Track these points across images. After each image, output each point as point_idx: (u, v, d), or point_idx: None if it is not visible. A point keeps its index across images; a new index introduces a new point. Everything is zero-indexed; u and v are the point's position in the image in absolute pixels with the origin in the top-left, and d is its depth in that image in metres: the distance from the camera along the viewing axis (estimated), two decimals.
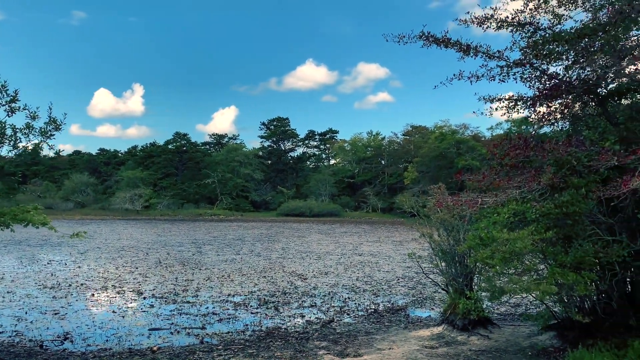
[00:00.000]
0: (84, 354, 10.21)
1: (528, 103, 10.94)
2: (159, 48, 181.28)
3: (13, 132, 8.42)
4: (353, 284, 19.02)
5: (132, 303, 15.34)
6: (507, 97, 11.41)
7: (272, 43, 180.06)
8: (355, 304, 15.40)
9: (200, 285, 18.32)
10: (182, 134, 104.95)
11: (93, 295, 16.40)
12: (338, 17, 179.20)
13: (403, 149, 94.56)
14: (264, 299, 15.90)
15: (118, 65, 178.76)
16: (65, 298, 15.93)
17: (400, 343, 10.75)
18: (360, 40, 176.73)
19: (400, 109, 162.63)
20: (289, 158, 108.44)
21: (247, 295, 16.57)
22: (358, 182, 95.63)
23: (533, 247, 8.15)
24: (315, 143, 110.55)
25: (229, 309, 14.52)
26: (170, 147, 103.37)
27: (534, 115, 10.77)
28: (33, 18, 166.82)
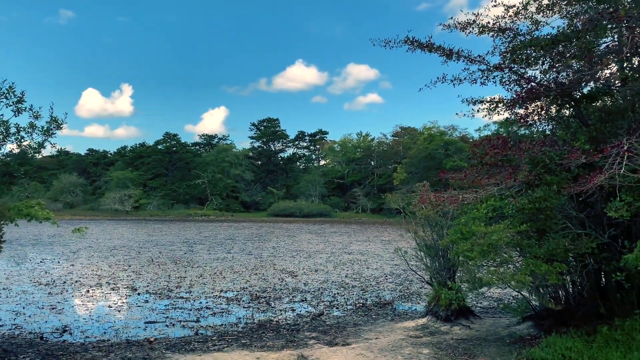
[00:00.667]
0: (84, 345, 10.62)
1: (508, 105, 11.58)
2: (148, 48, 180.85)
3: (17, 130, 8.84)
4: (342, 281, 19.55)
5: (126, 298, 15.73)
6: (488, 99, 12.04)
7: (261, 43, 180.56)
8: (344, 299, 15.93)
9: (193, 282, 18.74)
10: (172, 135, 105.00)
11: (88, 292, 16.75)
12: (328, 17, 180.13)
13: (392, 150, 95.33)
14: (256, 295, 16.37)
15: (106, 65, 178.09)
16: (61, 294, 16.27)
17: (387, 333, 11.30)
18: (350, 41, 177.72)
19: (390, 110, 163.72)
20: (279, 159, 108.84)
21: (239, 291, 17.03)
22: (348, 182, 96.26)
23: (509, 239, 8.73)
24: (305, 144, 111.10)
25: (222, 304, 14.98)
26: (160, 147, 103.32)
27: (513, 117, 11.39)
28: (19, 16, 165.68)
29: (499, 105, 11.71)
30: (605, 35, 9.90)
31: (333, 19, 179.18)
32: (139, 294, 16.37)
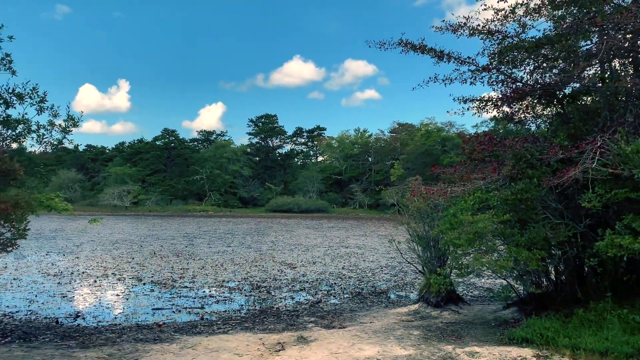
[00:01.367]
0: (97, 328, 11.33)
1: (495, 104, 12.31)
2: (145, 43, 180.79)
3: (37, 128, 9.52)
4: (339, 272, 20.29)
5: (133, 288, 16.44)
6: (478, 98, 12.76)
7: (258, 39, 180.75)
8: (341, 288, 16.68)
9: (196, 273, 19.46)
10: (170, 131, 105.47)
11: (95, 282, 17.45)
12: (325, 13, 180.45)
13: (390, 146, 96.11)
14: (257, 284, 17.11)
15: (103, 61, 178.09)
16: (70, 284, 16.98)
17: (380, 318, 12.05)
18: (348, 37, 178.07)
19: (388, 106, 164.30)
20: (277, 155, 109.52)
21: (240, 281, 17.76)
22: (345, 178, 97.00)
23: (493, 228, 9.47)
24: (303, 140, 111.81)
25: (225, 293, 15.72)
26: (159, 143, 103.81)
27: (501, 115, 12.11)
28: (15, 12, 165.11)
29: (488, 104, 12.44)
30: (587, 39, 10.61)
31: (330, 15, 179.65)
32: (145, 284, 17.07)
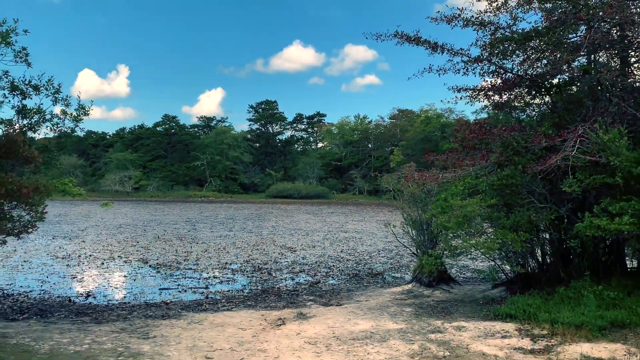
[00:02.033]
0: (108, 306, 12.03)
1: (487, 94, 12.84)
2: (144, 28, 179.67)
3: (51, 117, 10.08)
4: (338, 255, 20.99)
5: (139, 270, 17.14)
6: (471, 87, 13.28)
7: (258, 23, 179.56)
8: (339, 270, 17.37)
9: (199, 256, 20.15)
10: (170, 117, 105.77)
11: (103, 264, 18.14)
12: None
13: (389, 133, 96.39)
14: (258, 266, 17.80)
15: (102, 46, 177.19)
16: (79, 266, 17.67)
17: (376, 297, 12.74)
18: (348, 22, 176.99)
19: (388, 92, 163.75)
20: (277, 141, 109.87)
21: (242, 264, 18.45)
22: (345, 165, 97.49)
23: (481, 212, 10.09)
24: (303, 126, 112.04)
25: (228, 274, 16.41)
26: (159, 129, 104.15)
27: (490, 104, 12.65)
28: None
29: (480, 94, 12.97)
30: (573, 32, 11.11)
31: None
32: (151, 266, 17.77)
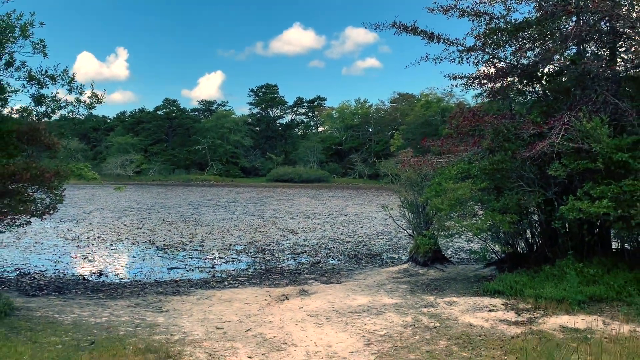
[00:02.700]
0: (120, 284, 12.74)
1: (480, 82, 13.37)
2: (143, 10, 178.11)
3: (66, 104, 10.67)
4: (338, 237, 21.71)
5: (147, 250, 17.85)
6: (466, 75, 13.80)
7: (257, 5, 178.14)
8: (339, 251, 18.09)
9: (204, 238, 20.87)
10: (171, 100, 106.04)
11: (112, 245, 18.86)
12: None
13: (390, 117, 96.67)
14: (261, 248, 18.52)
15: (101, 29, 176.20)
16: (88, 247, 18.38)
17: (373, 275, 13.46)
18: (348, 4, 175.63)
19: (389, 75, 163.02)
20: (278, 125, 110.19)
21: (246, 245, 19.17)
22: (345, 149, 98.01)
23: (472, 194, 10.72)
24: (304, 110, 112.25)
25: (232, 254, 17.13)
26: (160, 113, 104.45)
27: (483, 91, 13.20)
28: None
29: (475, 82, 13.50)
30: (562, 25, 11.61)
31: None
32: (157, 247, 18.49)
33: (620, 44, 11.86)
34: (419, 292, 11.15)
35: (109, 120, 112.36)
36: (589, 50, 12.36)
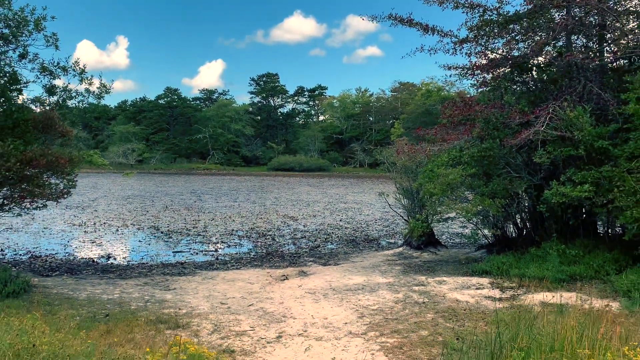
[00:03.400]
0: (129, 266, 13.39)
1: (474, 72, 13.87)
2: None
3: (76, 94, 11.23)
4: (337, 224, 22.34)
5: (152, 236, 18.49)
6: (460, 65, 14.29)
7: None
8: (338, 237, 18.72)
9: (207, 224, 21.51)
10: (172, 89, 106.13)
11: (118, 230, 19.51)
12: None
13: (390, 106, 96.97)
14: (263, 233, 19.16)
15: (101, 17, 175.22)
16: (95, 232, 19.03)
17: (370, 258, 14.09)
18: None
19: (390, 63, 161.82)
20: (279, 114, 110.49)
21: (248, 231, 19.81)
22: (346, 138, 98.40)
23: (462, 180, 11.29)
24: (305, 99, 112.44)
25: (235, 239, 17.77)
26: (161, 102, 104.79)
27: (475, 81, 13.70)
28: None
29: (468, 72, 14.01)
30: (550, 20, 12.08)
31: None
32: (162, 232, 19.13)
33: (609, 37, 12.36)
34: (412, 272, 11.78)
35: (111, 109, 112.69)
36: (578, 43, 12.88)
